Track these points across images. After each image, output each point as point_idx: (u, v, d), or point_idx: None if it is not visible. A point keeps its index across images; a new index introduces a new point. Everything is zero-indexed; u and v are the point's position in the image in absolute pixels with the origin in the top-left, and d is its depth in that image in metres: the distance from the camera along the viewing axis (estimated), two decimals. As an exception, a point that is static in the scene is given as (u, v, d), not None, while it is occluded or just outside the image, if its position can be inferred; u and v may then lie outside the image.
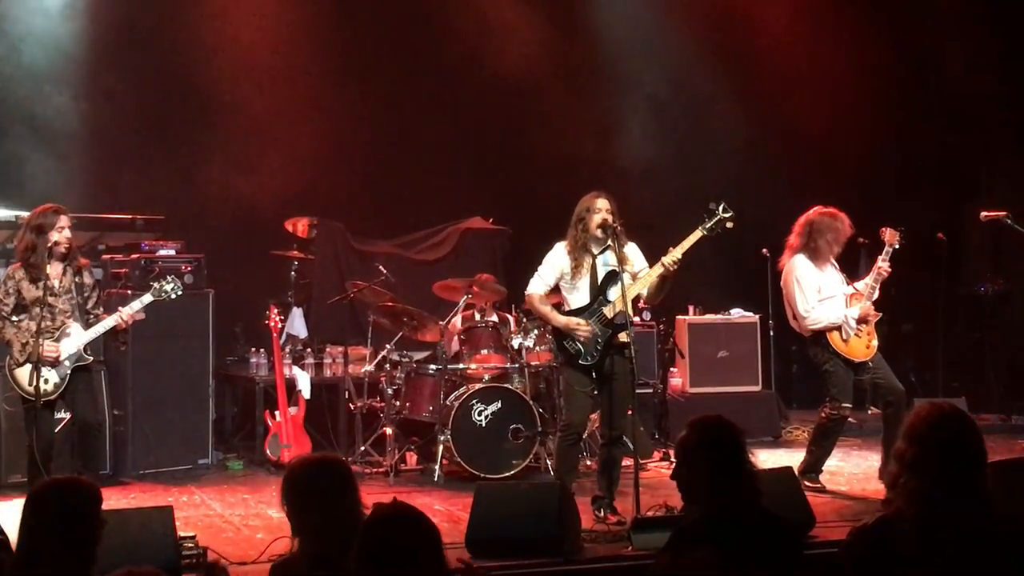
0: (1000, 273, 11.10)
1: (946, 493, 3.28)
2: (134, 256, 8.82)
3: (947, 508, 3.27)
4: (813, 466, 7.86)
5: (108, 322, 7.08)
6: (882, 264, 7.71)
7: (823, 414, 7.82)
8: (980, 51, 11.32)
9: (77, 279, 7.08)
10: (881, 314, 7.80)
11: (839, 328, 7.68)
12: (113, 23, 10.07)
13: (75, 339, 6.99)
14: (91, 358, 7.16)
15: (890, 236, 7.69)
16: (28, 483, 7.06)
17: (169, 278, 7.30)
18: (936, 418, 3.40)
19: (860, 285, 7.84)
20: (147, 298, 7.19)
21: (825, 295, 7.76)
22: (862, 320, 7.66)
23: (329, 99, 11.00)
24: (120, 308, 7.16)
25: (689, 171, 11.75)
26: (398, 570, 3.09)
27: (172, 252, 8.95)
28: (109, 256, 9.09)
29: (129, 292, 8.27)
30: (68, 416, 7.28)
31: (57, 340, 6.92)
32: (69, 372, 6.97)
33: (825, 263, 7.81)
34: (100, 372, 8.47)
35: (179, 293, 7.27)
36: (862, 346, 7.72)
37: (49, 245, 6.89)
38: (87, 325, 7.10)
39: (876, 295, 7.76)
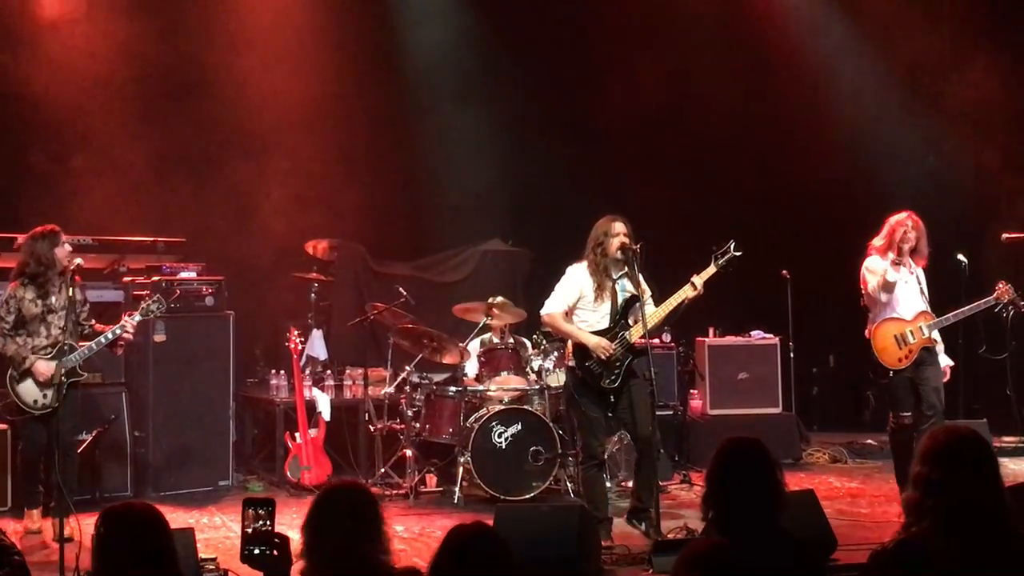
0: (1021, 295, 11.03)
1: (964, 515, 3.28)
2: (155, 278, 8.86)
3: (966, 530, 3.27)
4: (901, 478, 7.81)
5: (117, 330, 7.23)
6: (984, 303, 7.82)
7: (888, 428, 7.93)
8: (998, 65, 11.27)
9: (70, 295, 7.18)
10: (936, 341, 7.80)
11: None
12: (151, 66, 10.27)
13: (74, 355, 7.13)
14: (85, 375, 7.34)
15: (1007, 294, 7.89)
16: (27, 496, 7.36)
17: (156, 297, 7.65)
18: (952, 440, 3.41)
19: (925, 320, 7.79)
20: (136, 317, 7.38)
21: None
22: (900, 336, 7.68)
23: (348, 122, 11.05)
24: (125, 317, 7.38)
25: (708, 194, 11.78)
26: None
27: (193, 275, 9.00)
28: (130, 279, 9.14)
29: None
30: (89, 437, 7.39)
31: (55, 357, 7.01)
32: (66, 387, 7.05)
33: (885, 257, 7.77)
34: (121, 394, 8.56)
35: (163, 311, 7.57)
36: (894, 358, 7.73)
37: (55, 263, 7.06)
38: (81, 337, 7.27)
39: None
